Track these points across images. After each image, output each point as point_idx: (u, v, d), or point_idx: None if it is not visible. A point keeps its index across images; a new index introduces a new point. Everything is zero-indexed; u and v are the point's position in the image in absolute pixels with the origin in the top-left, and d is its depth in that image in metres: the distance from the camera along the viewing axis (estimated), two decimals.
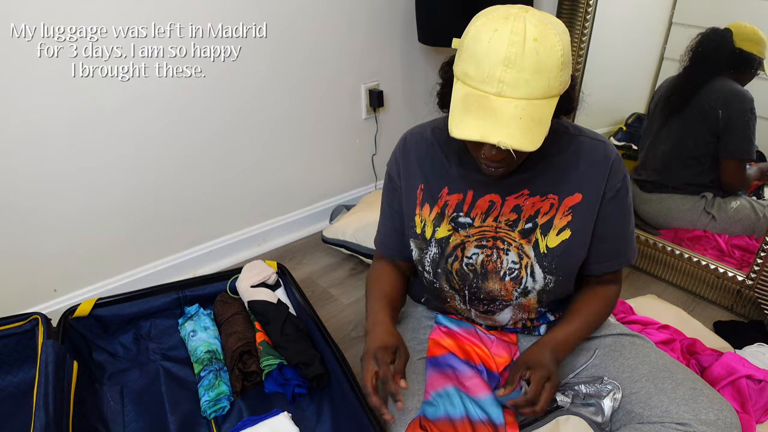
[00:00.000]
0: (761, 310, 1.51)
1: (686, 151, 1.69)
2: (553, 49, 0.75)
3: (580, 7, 1.70)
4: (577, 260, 0.97)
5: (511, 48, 0.74)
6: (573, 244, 0.94)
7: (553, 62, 0.75)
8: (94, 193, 1.48)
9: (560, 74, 0.77)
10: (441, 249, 1.00)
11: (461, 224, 0.98)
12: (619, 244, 0.99)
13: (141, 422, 1.18)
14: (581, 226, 0.94)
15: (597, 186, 0.93)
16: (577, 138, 0.94)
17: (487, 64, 0.75)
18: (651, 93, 1.79)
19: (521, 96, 0.75)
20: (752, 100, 1.54)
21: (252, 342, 1.30)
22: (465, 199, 0.98)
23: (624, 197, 0.95)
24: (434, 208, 1.00)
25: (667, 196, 1.74)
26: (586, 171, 0.93)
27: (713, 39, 1.58)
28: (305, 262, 1.86)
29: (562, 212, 0.94)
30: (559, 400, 0.99)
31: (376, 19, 1.90)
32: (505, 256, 0.96)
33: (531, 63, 0.74)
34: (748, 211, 1.64)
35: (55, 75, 1.31)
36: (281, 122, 1.80)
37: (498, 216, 0.96)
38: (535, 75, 0.74)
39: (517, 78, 0.74)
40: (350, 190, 2.14)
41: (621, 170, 0.94)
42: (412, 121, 2.16)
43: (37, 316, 1.23)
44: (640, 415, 0.91)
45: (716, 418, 0.87)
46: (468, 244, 0.98)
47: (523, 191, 0.95)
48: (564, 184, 0.93)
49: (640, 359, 0.99)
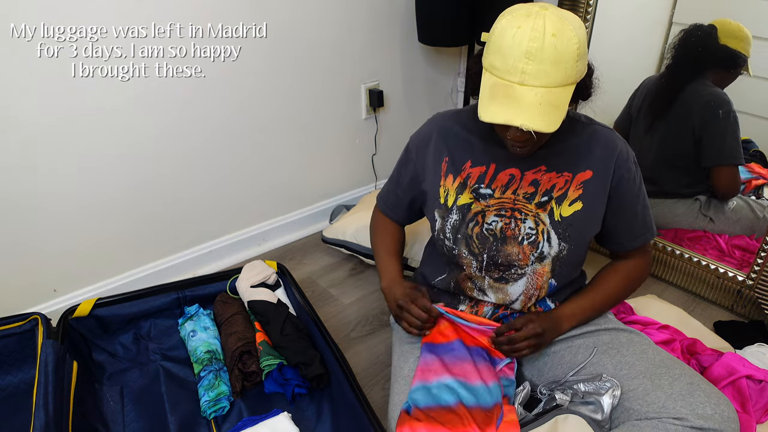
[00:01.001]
0: (761, 310, 1.51)
1: (672, 157, 1.68)
2: (570, 42, 0.84)
3: (580, 7, 1.70)
4: (589, 232, 1.05)
5: (532, 43, 0.83)
6: (584, 216, 1.03)
7: (569, 55, 0.85)
8: (94, 192, 1.48)
9: (576, 65, 0.86)
10: (462, 215, 1.06)
11: (482, 195, 1.06)
12: (641, 222, 1.08)
13: (141, 422, 1.18)
14: (591, 201, 1.02)
15: (607, 167, 1.02)
16: (590, 126, 1.05)
17: (511, 58, 0.85)
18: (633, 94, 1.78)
19: (541, 84, 0.85)
20: (729, 102, 1.52)
21: (252, 342, 1.30)
22: (487, 172, 1.06)
23: (639, 179, 1.05)
24: (457, 178, 1.08)
25: (659, 201, 1.72)
26: (598, 153, 1.02)
27: (697, 35, 1.56)
28: (305, 262, 1.86)
29: (574, 186, 1.02)
30: (558, 399, 0.99)
31: (376, 19, 1.90)
32: (523, 224, 1.03)
33: (550, 56, 0.83)
34: (746, 212, 1.63)
35: (55, 75, 1.31)
36: (281, 122, 1.80)
37: (517, 189, 1.04)
38: (553, 66, 0.84)
39: (537, 69, 0.84)
40: (350, 190, 2.14)
41: (630, 155, 1.04)
42: (412, 121, 2.17)
43: (36, 316, 1.23)
44: (638, 411, 0.92)
45: (713, 412, 0.87)
46: (488, 212, 1.05)
47: (541, 167, 1.03)
48: (577, 163, 1.03)
49: (638, 356, 1.00)
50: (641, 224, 1.08)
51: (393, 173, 1.23)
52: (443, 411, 0.94)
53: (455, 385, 0.98)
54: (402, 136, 1.14)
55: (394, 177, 1.23)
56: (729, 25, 1.52)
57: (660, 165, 1.70)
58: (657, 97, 1.67)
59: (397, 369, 1.09)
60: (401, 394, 1.00)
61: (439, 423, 0.92)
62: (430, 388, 0.98)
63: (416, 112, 2.19)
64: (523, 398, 1.04)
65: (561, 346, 1.08)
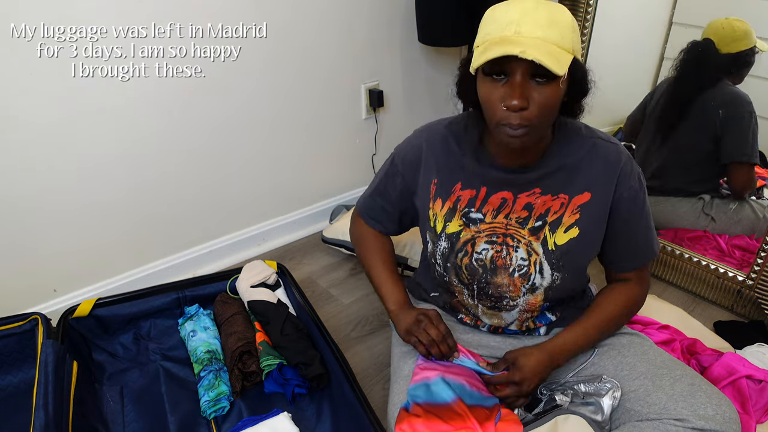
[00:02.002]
0: (761, 310, 1.51)
1: (684, 155, 1.68)
2: (564, 13, 0.83)
3: (580, 7, 1.69)
4: (585, 258, 1.00)
5: (525, 5, 0.81)
6: (581, 242, 0.97)
7: (564, 19, 0.82)
8: (93, 192, 1.48)
9: (572, 34, 0.82)
10: (451, 244, 1.02)
11: (472, 219, 1.00)
12: (640, 242, 1.01)
13: (141, 422, 1.18)
14: (589, 225, 0.96)
15: (607, 187, 0.95)
16: (590, 140, 0.97)
17: (505, 19, 0.82)
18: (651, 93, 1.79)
19: (539, 37, 0.80)
20: (751, 103, 1.53)
21: (252, 342, 1.30)
22: (478, 195, 1.00)
23: (642, 197, 0.98)
24: (446, 203, 1.02)
25: (663, 199, 1.73)
26: (598, 172, 0.95)
27: (696, 54, 1.56)
28: (305, 262, 1.86)
29: (571, 210, 0.96)
30: (559, 399, 0.99)
31: (376, 19, 1.90)
32: (515, 253, 0.98)
33: (544, 16, 0.81)
34: (747, 212, 1.63)
35: (55, 75, 1.31)
36: (281, 122, 1.80)
37: (509, 213, 0.98)
38: (549, 25, 0.80)
39: (533, 25, 0.80)
40: (350, 190, 2.14)
41: (635, 170, 0.97)
42: (412, 121, 2.16)
43: (36, 316, 1.23)
44: (639, 412, 0.92)
45: (714, 413, 0.87)
46: (478, 239, 1.00)
47: (535, 190, 0.97)
48: (575, 184, 0.96)
49: (639, 357, 0.99)
50: (641, 245, 1.02)
51: (377, 184, 1.14)
52: (442, 407, 0.94)
53: (454, 384, 0.98)
54: (402, 137, 1.13)
55: (379, 189, 1.14)
56: (723, 32, 1.51)
57: (669, 165, 1.71)
58: (672, 100, 1.66)
59: (396, 369, 1.09)
60: (401, 394, 1.00)
61: (438, 418, 0.92)
62: (429, 385, 0.98)
63: (416, 112, 2.19)
64: None
65: None
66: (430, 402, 0.95)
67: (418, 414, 0.93)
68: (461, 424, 0.91)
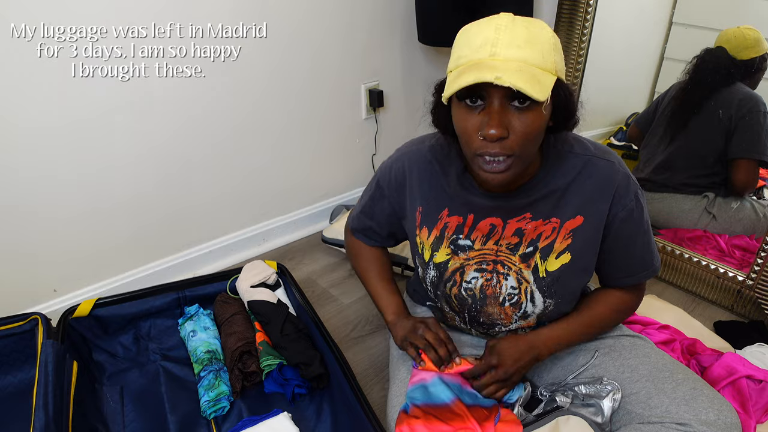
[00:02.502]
0: (761, 310, 1.51)
1: (692, 152, 1.68)
2: (543, 28, 0.75)
3: (580, 7, 1.69)
4: (578, 284, 0.97)
5: (499, 21, 0.74)
6: (573, 268, 0.93)
7: (544, 37, 0.75)
8: (93, 193, 1.48)
9: (553, 53, 0.76)
10: (439, 273, 1.00)
11: (461, 247, 0.97)
12: (638, 261, 0.98)
13: (141, 422, 1.18)
14: (582, 250, 0.93)
15: (601, 208, 0.90)
16: (583, 158, 0.90)
17: (478, 40, 0.75)
18: (651, 93, 1.79)
19: (516, 58, 0.73)
20: (765, 104, 1.53)
21: (252, 342, 1.30)
22: (465, 221, 0.96)
23: (638, 215, 0.92)
24: (433, 231, 0.99)
25: (668, 195, 1.74)
26: (591, 193, 0.90)
27: (710, 62, 1.56)
28: (305, 262, 1.86)
29: (563, 235, 0.92)
30: (559, 401, 0.99)
31: (376, 19, 1.90)
32: (505, 281, 0.96)
33: (521, 34, 0.74)
34: (748, 211, 1.64)
35: (55, 75, 1.31)
36: (281, 122, 1.80)
37: (499, 239, 0.95)
38: (527, 44, 0.73)
39: (509, 45, 0.73)
40: (350, 190, 2.14)
41: (631, 189, 0.90)
42: (412, 121, 2.16)
43: (36, 316, 1.23)
44: (641, 415, 0.91)
45: (716, 418, 0.87)
46: (467, 267, 0.97)
47: (525, 215, 0.93)
48: (566, 207, 0.91)
49: (640, 359, 0.99)
50: (638, 263, 0.97)
51: (364, 206, 1.12)
52: (441, 408, 0.94)
53: (452, 385, 0.98)
54: (402, 137, 1.13)
55: (366, 209, 1.12)
56: (735, 40, 1.52)
57: (676, 161, 1.71)
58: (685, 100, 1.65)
59: (394, 371, 1.09)
60: (399, 396, 1.00)
61: (438, 419, 0.91)
62: (427, 386, 0.98)
63: (416, 112, 2.19)
64: (524, 399, 1.04)
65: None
66: (428, 403, 0.95)
67: (417, 416, 0.93)
68: (461, 425, 0.91)
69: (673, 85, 1.72)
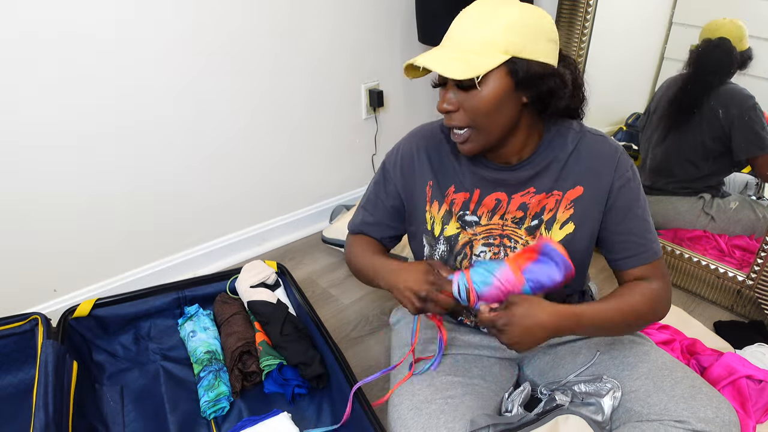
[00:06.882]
0: (761, 310, 1.51)
1: (687, 152, 1.69)
2: (508, 9, 0.82)
3: (580, 7, 1.70)
4: (583, 254, 0.99)
5: (472, 6, 0.86)
6: (577, 237, 0.96)
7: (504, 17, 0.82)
8: (93, 193, 1.48)
9: (509, 33, 0.82)
10: (450, 246, 1.02)
11: (468, 222, 1.00)
12: (641, 236, 0.96)
13: (141, 422, 1.18)
14: (584, 219, 0.96)
15: (601, 179, 0.94)
16: (581, 134, 0.96)
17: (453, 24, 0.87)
18: (651, 93, 1.79)
19: (460, 41, 0.85)
20: (752, 96, 1.53)
21: (252, 342, 1.30)
22: (471, 197, 0.99)
23: (636, 187, 0.95)
24: (443, 205, 1.02)
25: (664, 197, 1.74)
26: (590, 165, 0.94)
27: (713, 53, 1.56)
28: (305, 262, 1.86)
29: (564, 206, 0.96)
30: (559, 399, 0.99)
31: (376, 19, 1.90)
32: (512, 254, 0.97)
33: (478, 16, 0.84)
34: (747, 212, 1.63)
35: (55, 75, 1.31)
36: (281, 122, 1.80)
37: (504, 214, 0.98)
38: (475, 26, 0.83)
39: (460, 28, 0.85)
40: (350, 190, 2.14)
41: (627, 161, 0.95)
42: (412, 121, 2.17)
43: (36, 316, 1.23)
44: (639, 413, 0.92)
45: (714, 416, 0.87)
46: (475, 242, 1.00)
47: (529, 189, 0.96)
48: (567, 179, 0.95)
49: (640, 357, 0.99)
50: (639, 241, 0.95)
51: (368, 195, 1.12)
52: None
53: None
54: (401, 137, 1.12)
55: (372, 202, 1.11)
56: (736, 31, 1.52)
57: (671, 163, 1.71)
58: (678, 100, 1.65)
59: (394, 371, 1.09)
60: (400, 396, 1.00)
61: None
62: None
63: (416, 112, 2.19)
64: (524, 399, 1.04)
65: (562, 346, 1.08)
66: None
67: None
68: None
69: (666, 80, 1.72)
